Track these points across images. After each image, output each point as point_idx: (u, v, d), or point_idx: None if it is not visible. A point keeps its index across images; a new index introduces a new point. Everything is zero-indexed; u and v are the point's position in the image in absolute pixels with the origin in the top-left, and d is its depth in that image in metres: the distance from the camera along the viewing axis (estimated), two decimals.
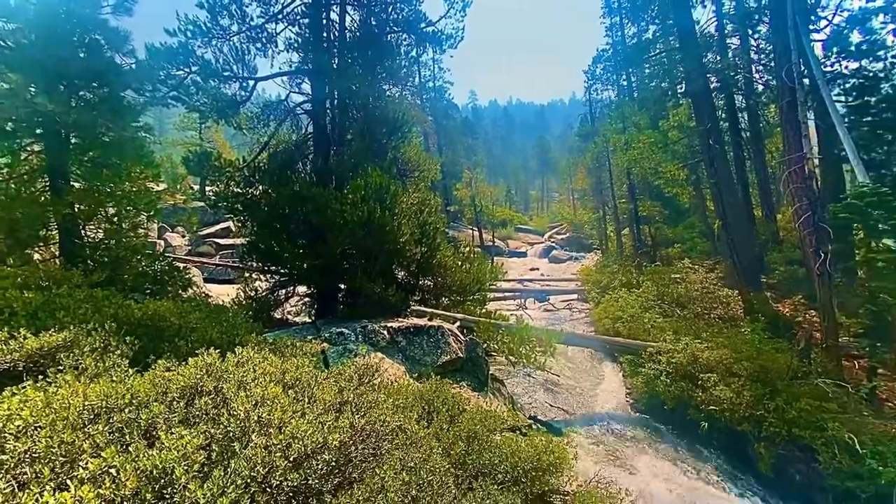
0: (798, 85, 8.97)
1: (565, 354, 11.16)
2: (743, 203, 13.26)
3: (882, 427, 6.38)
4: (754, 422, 6.69)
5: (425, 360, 7.28)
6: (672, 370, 7.96)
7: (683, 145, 15.23)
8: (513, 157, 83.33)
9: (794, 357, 7.73)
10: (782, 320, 9.84)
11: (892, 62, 11.76)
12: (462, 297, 10.78)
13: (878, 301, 7.68)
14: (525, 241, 38.55)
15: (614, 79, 23.52)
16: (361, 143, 10.74)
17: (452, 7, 11.74)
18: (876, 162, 11.55)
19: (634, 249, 19.19)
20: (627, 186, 18.20)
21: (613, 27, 22.32)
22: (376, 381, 4.52)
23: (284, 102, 12.31)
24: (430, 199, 11.38)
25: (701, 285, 11.88)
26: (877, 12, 11.76)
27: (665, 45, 16.78)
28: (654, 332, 9.91)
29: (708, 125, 11.37)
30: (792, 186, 8.54)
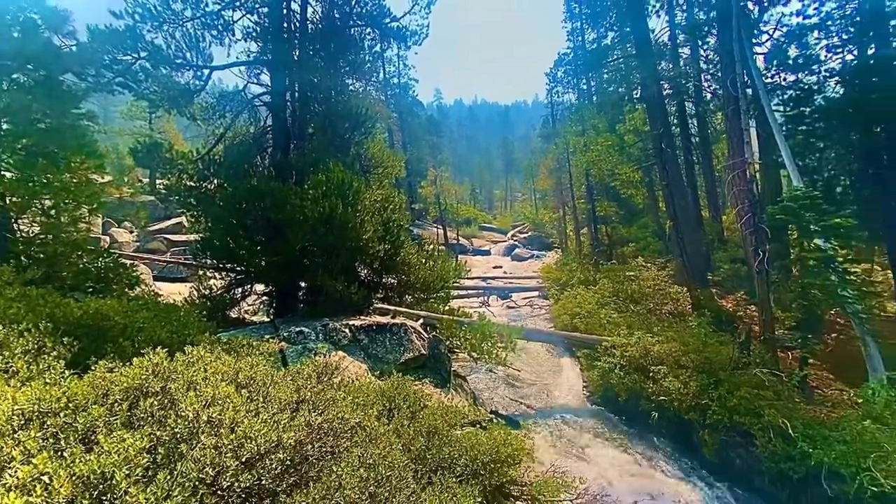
0: (741, 94, 9.57)
1: (526, 350, 11.42)
2: (692, 204, 14.06)
3: (812, 412, 6.93)
4: (700, 410, 7.12)
5: (388, 357, 7.25)
6: (625, 363, 8.33)
7: (638, 148, 15.92)
8: (477, 156, 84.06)
9: (735, 349, 8.27)
10: (726, 315, 10.50)
11: (825, 76, 12.78)
12: (426, 295, 10.79)
13: (809, 297, 8.35)
14: (489, 240, 39.03)
15: (575, 82, 24.24)
16: (323, 138, 10.52)
17: (417, 4, 11.73)
18: (809, 168, 12.54)
19: (592, 248, 19.89)
20: (586, 187, 18.83)
21: (574, 32, 23.00)
22: (336, 379, 4.47)
23: (242, 93, 11.86)
24: (395, 196, 11.30)
25: (653, 282, 12.49)
26: (812, 29, 12.72)
27: (622, 52, 17.48)
28: (609, 328, 10.32)
29: (661, 130, 11.95)
30: (735, 189, 9.12)
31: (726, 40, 10.06)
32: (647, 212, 19.50)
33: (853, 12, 11.86)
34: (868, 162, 11.68)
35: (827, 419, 6.57)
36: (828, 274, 7.73)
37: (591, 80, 22.85)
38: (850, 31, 12.02)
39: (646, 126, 14.73)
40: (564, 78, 24.52)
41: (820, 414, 6.93)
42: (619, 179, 16.92)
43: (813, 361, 8.58)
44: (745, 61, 9.70)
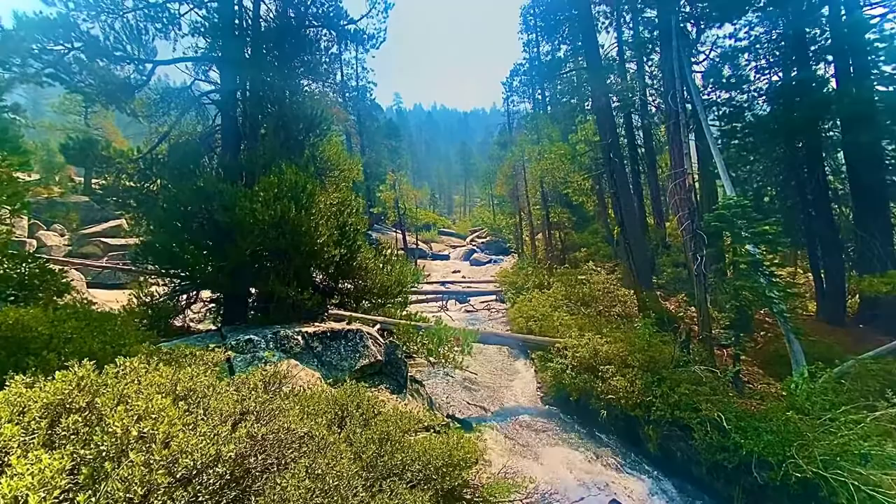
0: (681, 109, 10.22)
1: (483, 353, 11.56)
2: (638, 211, 14.83)
3: (744, 405, 7.43)
4: (644, 407, 7.45)
5: (342, 364, 7.11)
6: (576, 364, 8.62)
7: (589, 158, 16.62)
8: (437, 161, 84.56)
9: (677, 348, 8.76)
10: (669, 316, 11.12)
11: (754, 95, 13.92)
12: (383, 300, 10.69)
13: (740, 298, 8.99)
14: (448, 244, 39.24)
15: (530, 92, 24.99)
16: (276, 139, 10.20)
17: (374, 7, 11.69)
18: (741, 178, 13.59)
19: (547, 253, 20.49)
20: (541, 194, 19.40)
21: (530, 44, 23.71)
22: (286, 388, 4.34)
23: (189, 90, 11.32)
24: (351, 199, 11.14)
25: (603, 286, 13.03)
26: (743, 51, 13.83)
27: (575, 65, 18.23)
28: (562, 330, 10.64)
29: (609, 140, 12.53)
30: (676, 197, 9.71)
31: (668, 58, 10.72)
32: (597, 218, 20.36)
33: (778, 38, 13.01)
34: (791, 173, 12.83)
35: (756, 411, 7.04)
36: (757, 277, 8.36)
37: (546, 90, 23.65)
38: (775, 55, 13.17)
39: (596, 136, 15.40)
40: (520, 88, 25.23)
41: (750, 406, 7.44)
42: (571, 187, 17.58)
43: (745, 358, 9.25)
44: (684, 78, 10.37)
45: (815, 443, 5.73)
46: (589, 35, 13.48)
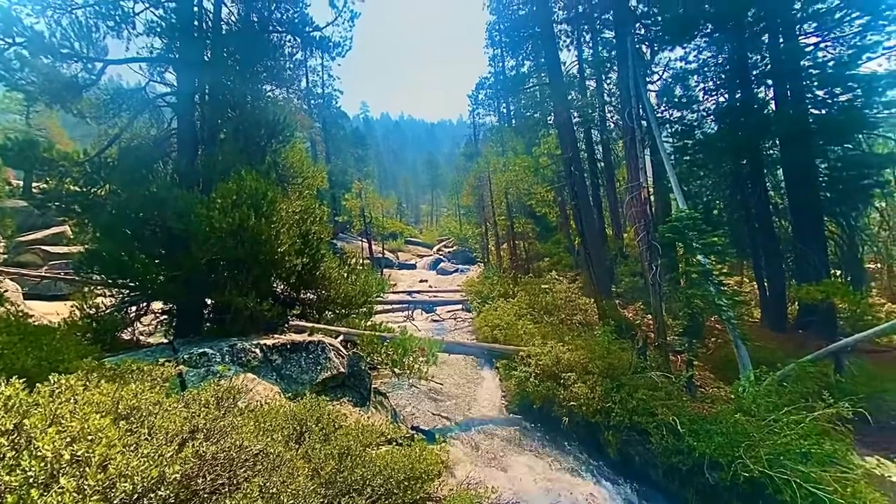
0: (637, 126, 10.72)
1: (449, 363, 11.55)
2: (598, 222, 15.36)
3: (696, 409, 7.76)
4: (604, 413, 7.63)
5: (303, 378, 6.90)
6: (540, 371, 8.75)
7: (551, 170, 17.12)
8: (404, 170, 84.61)
9: (634, 354, 9.07)
10: (627, 323, 11.52)
11: (703, 114, 14.82)
12: (347, 311, 10.50)
13: (692, 306, 9.45)
14: (415, 254, 39.13)
15: (496, 105, 25.56)
16: (236, 144, 9.90)
17: (340, 16, 11.64)
18: (692, 192, 14.37)
19: (511, 262, 20.83)
20: (505, 205, 19.76)
21: (495, 58, 24.30)
22: (241, 403, 4.16)
23: (143, 91, 10.81)
24: (315, 207, 10.92)
25: (565, 294, 13.36)
26: (692, 73, 14.72)
27: (538, 80, 18.81)
28: (526, 338, 10.80)
29: (571, 154, 12.95)
30: (633, 210, 10.13)
31: (624, 77, 11.25)
32: (560, 229, 20.92)
33: (724, 62, 13.94)
34: (736, 189, 13.69)
35: (708, 414, 7.34)
36: (707, 286, 8.81)
37: (511, 104, 24.25)
38: (721, 78, 14.09)
39: (558, 150, 15.89)
40: (486, 101, 25.76)
41: (703, 410, 7.76)
42: (534, 198, 18.03)
43: (697, 363, 9.70)
44: (639, 97, 10.90)
45: (761, 443, 6.02)
46: (551, 52, 13.96)
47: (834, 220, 12.64)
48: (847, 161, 11.92)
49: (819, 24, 12.08)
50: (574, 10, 18.34)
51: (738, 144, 12.25)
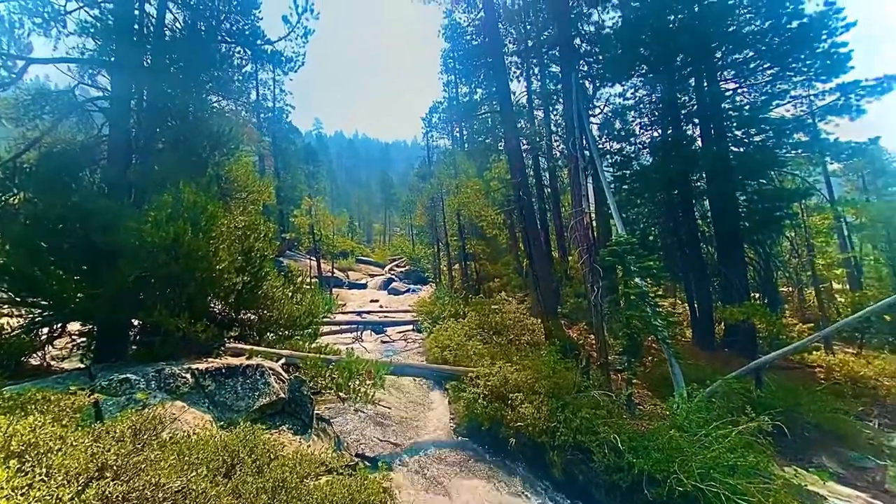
0: (580, 155, 11.34)
1: (397, 386, 11.29)
2: (545, 245, 15.93)
3: (636, 426, 8.06)
4: (550, 433, 7.71)
5: (238, 404, 6.45)
6: (488, 392, 8.76)
7: (502, 194, 17.64)
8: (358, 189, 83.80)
9: (578, 374, 9.34)
10: (571, 343, 11.87)
11: (639, 147, 15.96)
12: (291, 332, 10.03)
13: (631, 326, 9.92)
14: (366, 273, 38.43)
15: (449, 129, 26.12)
16: (175, 155, 9.35)
17: (294, 31, 11.48)
18: (630, 219, 15.32)
19: (463, 282, 21.00)
20: (458, 226, 20.02)
21: (449, 84, 24.95)
22: (164, 435, 3.81)
23: (71, 94, 10.00)
24: (260, 223, 10.48)
25: (514, 315, 13.60)
26: (630, 109, 15.89)
27: (490, 108, 19.51)
28: (475, 358, 10.81)
29: (519, 179, 13.44)
30: (576, 234, 10.61)
31: (569, 109, 11.92)
32: (509, 250, 21.46)
33: (657, 100, 15.18)
34: (669, 216, 14.77)
35: (646, 431, 7.63)
36: (644, 307, 9.31)
37: (464, 128, 24.89)
38: (655, 115, 15.32)
39: (508, 175, 16.43)
40: (439, 124, 26.28)
41: (641, 427, 8.04)
42: (485, 220, 18.44)
43: (636, 381, 10.12)
44: (583, 128, 11.58)
45: (694, 457, 6.30)
46: (502, 82, 14.58)
47: (752, 248, 13.93)
48: (762, 194, 13.24)
49: (737, 72, 13.55)
50: (524, 43, 19.37)
51: (669, 176, 13.29)
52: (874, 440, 9.23)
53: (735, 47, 13.09)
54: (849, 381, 12.08)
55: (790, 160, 13.37)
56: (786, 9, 12.18)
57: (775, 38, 12.38)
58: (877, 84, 11.77)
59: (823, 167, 19.23)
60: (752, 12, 12.85)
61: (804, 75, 12.50)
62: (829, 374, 12.69)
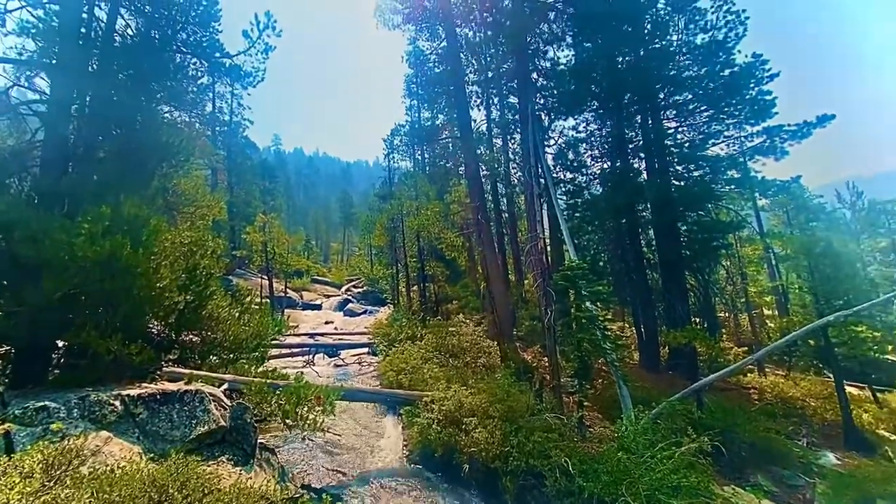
0: (536, 183, 11.78)
1: (349, 411, 10.90)
2: (502, 269, 16.23)
3: (586, 448, 8.17)
4: (503, 458, 7.64)
5: (173, 434, 5.98)
6: (442, 417, 8.63)
7: (461, 217, 17.95)
8: (316, 207, 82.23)
9: (532, 396, 9.42)
10: (526, 366, 12.02)
11: (590, 177, 16.79)
12: (236, 355, 9.51)
13: (582, 349, 10.20)
14: (322, 293, 37.36)
15: (411, 151, 26.45)
16: (117, 164, 8.82)
17: (254, 46, 11.31)
18: (582, 245, 15.94)
19: (421, 304, 20.87)
20: (417, 247, 20.04)
21: (412, 108, 25.42)
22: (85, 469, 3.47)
23: (4, 95, 9.29)
24: (209, 239, 10.03)
25: (471, 337, 13.64)
26: (581, 142, 16.77)
27: (451, 133, 19.99)
28: (431, 382, 10.67)
29: (478, 203, 13.73)
30: (531, 258, 10.90)
31: (526, 139, 12.44)
32: (468, 273, 21.69)
33: (607, 134, 16.14)
34: (618, 244, 15.53)
35: (596, 453, 7.76)
36: (594, 330, 9.62)
37: (426, 152, 25.28)
38: (605, 148, 16.24)
39: (467, 199, 16.77)
40: (401, 147, 26.53)
41: (591, 449, 8.17)
42: (445, 242, 18.62)
43: (587, 404, 10.34)
44: (538, 157, 12.08)
45: (640, 479, 6.43)
46: (463, 110, 15.01)
47: (693, 275, 14.84)
48: (701, 225, 14.25)
49: (677, 112, 14.71)
50: (484, 74, 20.14)
51: (618, 206, 14.04)
52: (804, 458, 9.89)
53: (676, 90, 14.25)
54: (779, 401, 12.96)
55: (725, 194, 14.54)
56: (719, 58, 13.46)
57: (710, 83, 13.60)
58: (797, 129, 13.15)
59: (753, 202, 21.00)
60: (690, 59, 14.10)
61: (735, 118, 13.78)
62: (761, 395, 13.56)
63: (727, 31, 13.41)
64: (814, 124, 12.90)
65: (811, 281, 13.15)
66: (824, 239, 14.20)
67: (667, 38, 14.38)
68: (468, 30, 19.20)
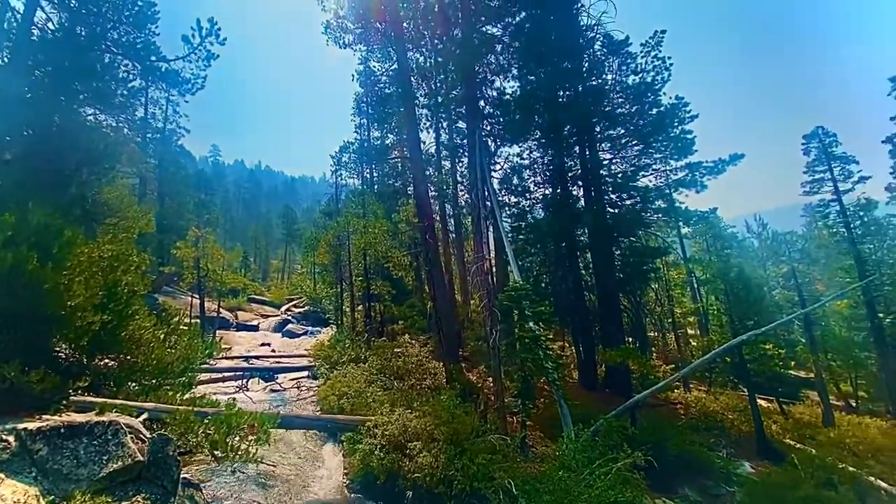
0: (482, 205, 12.09)
1: (286, 440, 10.26)
2: (448, 289, 16.31)
3: (529, 468, 8.24)
4: (447, 482, 7.50)
5: (79, 473, 5.28)
6: (386, 442, 8.36)
7: (409, 237, 17.97)
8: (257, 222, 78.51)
9: (476, 418, 9.41)
10: (471, 386, 12.03)
11: (533, 202, 17.52)
12: (160, 381, 8.66)
13: (525, 368, 10.41)
14: (259, 313, 35.38)
15: (359, 169, 26.14)
16: (27, 167, 7.95)
17: (195, 52, 10.83)
18: (525, 267, 16.46)
19: (365, 325, 20.35)
20: (363, 266, 19.66)
21: (362, 126, 25.27)
22: None
23: None
24: (132, 254, 9.20)
25: (416, 358, 13.46)
26: (525, 168, 17.53)
27: (400, 153, 20.14)
28: (375, 406, 10.34)
29: (427, 223, 13.82)
30: (477, 279, 11.08)
31: (473, 163, 12.80)
32: (414, 293, 21.56)
33: (549, 162, 17.02)
34: (558, 266, 16.22)
35: (538, 473, 7.85)
36: (537, 350, 9.87)
37: (375, 170, 25.13)
38: (546, 174, 17.08)
39: (416, 218, 16.83)
40: (350, 164, 26.18)
41: (534, 469, 8.26)
42: (392, 262, 18.44)
43: (530, 423, 10.50)
44: (485, 181, 12.44)
45: (580, 497, 6.56)
46: (413, 132, 15.21)
47: (626, 297, 15.81)
48: (633, 250, 15.31)
49: (612, 144, 15.89)
50: (434, 98, 20.62)
51: (558, 230, 14.76)
52: (724, 468, 10.64)
53: (610, 124, 15.44)
54: (702, 415, 13.95)
55: (653, 222, 15.80)
56: (648, 98, 14.79)
57: (640, 120, 14.89)
58: (714, 165, 14.67)
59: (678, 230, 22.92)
60: (623, 97, 15.38)
61: (662, 153, 15.14)
62: (687, 409, 14.53)
63: (654, 74, 14.83)
64: (727, 162, 14.47)
65: (727, 303, 14.49)
66: (737, 265, 15.77)
67: (602, 76, 15.62)
68: (419, 55, 19.69)
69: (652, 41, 14.85)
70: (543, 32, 15.31)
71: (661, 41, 14.80)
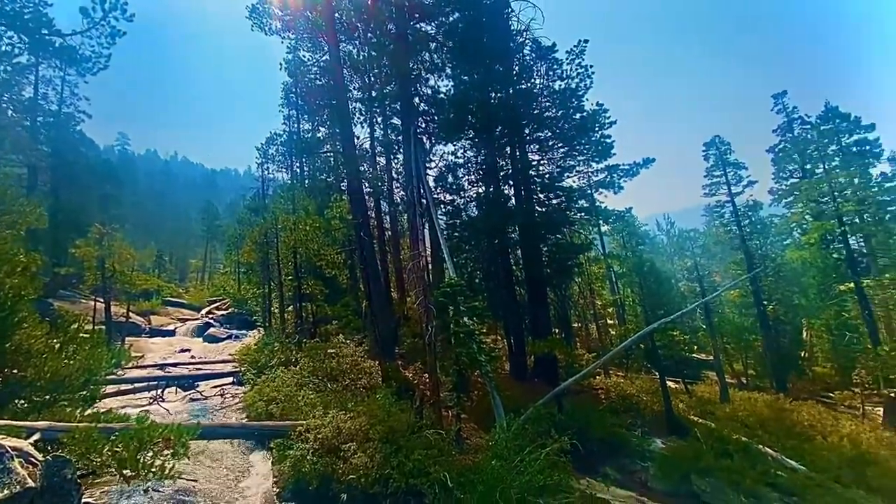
0: (418, 202, 12.13)
1: (207, 452, 9.58)
2: (384, 286, 16.20)
3: (463, 460, 8.42)
4: (383, 481, 7.44)
5: None
6: (319, 446, 8.12)
7: (342, 234, 17.51)
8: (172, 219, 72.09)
9: (412, 414, 9.46)
10: (407, 383, 12.07)
11: (467, 200, 17.89)
12: (56, 396, 7.69)
13: (460, 362, 10.64)
14: (176, 317, 32.61)
15: (288, 163, 24.94)
16: None
17: (96, 28, 9.69)
18: (460, 263, 16.79)
19: (297, 326, 19.54)
20: (294, 265, 18.84)
21: (290, 118, 24.09)
22: None
23: None
24: (17, 253, 8.10)
25: (351, 358, 13.19)
26: (460, 167, 17.83)
27: (332, 147, 19.55)
28: (307, 410, 9.99)
29: (361, 220, 13.57)
30: (413, 276, 11.12)
31: (408, 159, 12.79)
32: (349, 291, 21.07)
33: (482, 161, 17.44)
34: (491, 262, 16.75)
35: (473, 464, 8.06)
36: (471, 344, 10.14)
37: (305, 164, 24.10)
38: (480, 173, 17.52)
39: (349, 215, 16.45)
40: (277, 157, 24.87)
41: (469, 461, 8.45)
42: (325, 260, 17.86)
43: (464, 416, 10.77)
44: (420, 178, 12.49)
45: (512, 484, 6.82)
46: (346, 126, 14.82)
47: (553, 290, 16.73)
48: (559, 247, 16.22)
49: (540, 146, 16.68)
50: (368, 92, 20.23)
51: (490, 227, 15.25)
52: (639, 446, 11.68)
53: (539, 127, 16.19)
54: (620, 399, 15.16)
55: (577, 220, 16.86)
56: (572, 103, 15.72)
57: (566, 124, 15.79)
58: (630, 168, 15.96)
59: (598, 227, 24.67)
60: (550, 101, 16.19)
61: (585, 156, 16.19)
62: (607, 394, 15.72)
63: (579, 80, 15.78)
64: (641, 165, 15.81)
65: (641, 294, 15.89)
66: (649, 260, 17.36)
67: (531, 80, 16.33)
68: (352, 47, 19.17)
69: (576, 49, 15.79)
70: (476, 34, 15.64)
71: (584, 50, 15.79)
